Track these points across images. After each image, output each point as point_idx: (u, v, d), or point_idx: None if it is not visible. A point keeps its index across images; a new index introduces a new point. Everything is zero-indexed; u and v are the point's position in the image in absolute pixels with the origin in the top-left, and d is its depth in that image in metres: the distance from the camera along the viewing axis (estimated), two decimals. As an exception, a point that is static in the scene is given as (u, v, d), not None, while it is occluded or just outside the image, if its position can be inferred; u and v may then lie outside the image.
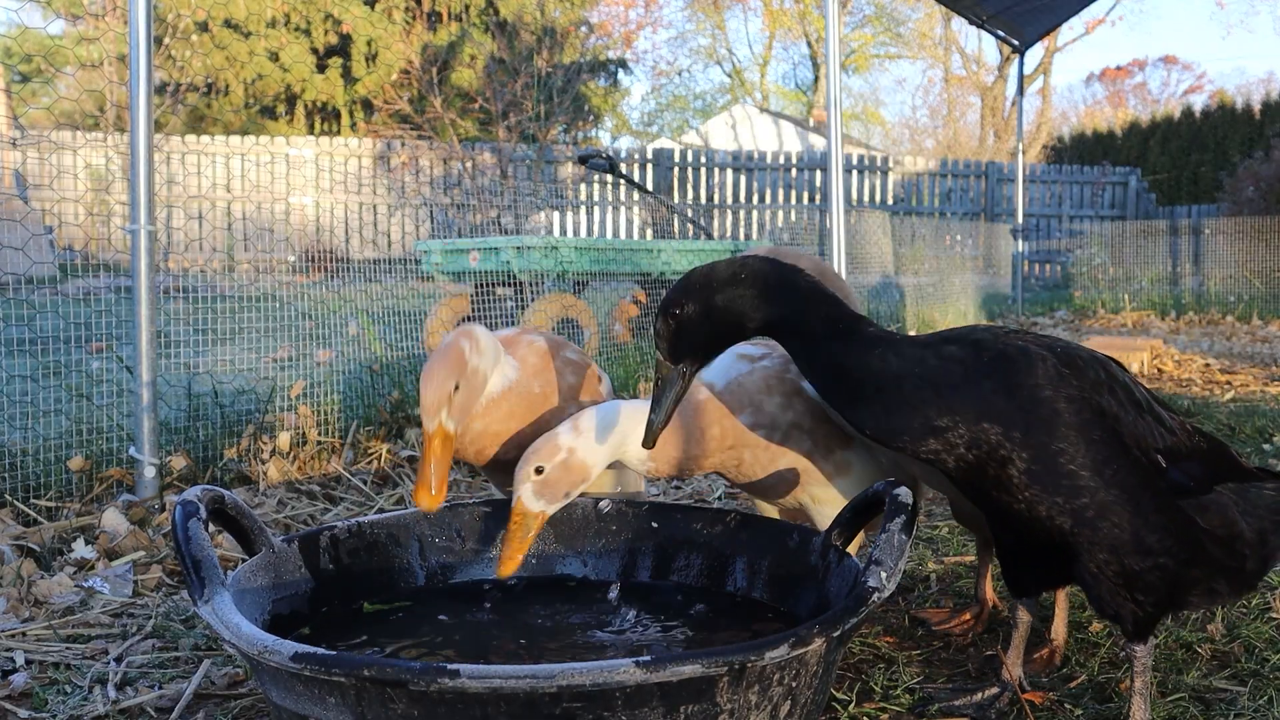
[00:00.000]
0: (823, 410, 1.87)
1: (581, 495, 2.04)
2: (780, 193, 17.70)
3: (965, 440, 1.46)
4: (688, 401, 1.82)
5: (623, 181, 10.45)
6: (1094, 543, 1.48)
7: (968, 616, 2.06)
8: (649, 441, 1.64)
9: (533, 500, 1.75)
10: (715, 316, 1.58)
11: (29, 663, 1.92)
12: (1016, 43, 11.76)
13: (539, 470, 1.74)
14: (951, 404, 1.45)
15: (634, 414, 1.76)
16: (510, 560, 1.75)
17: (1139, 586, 1.49)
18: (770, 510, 2.07)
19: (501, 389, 1.87)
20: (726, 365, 1.93)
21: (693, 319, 1.57)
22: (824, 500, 1.94)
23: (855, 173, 18.17)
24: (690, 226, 10.52)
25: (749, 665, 1.24)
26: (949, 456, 1.48)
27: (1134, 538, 1.47)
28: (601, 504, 2.00)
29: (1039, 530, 1.52)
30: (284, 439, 3.21)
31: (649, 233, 14.65)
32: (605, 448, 1.76)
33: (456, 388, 1.73)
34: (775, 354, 1.93)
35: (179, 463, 3.03)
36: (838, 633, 1.34)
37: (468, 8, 22.86)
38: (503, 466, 1.93)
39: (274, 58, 22.34)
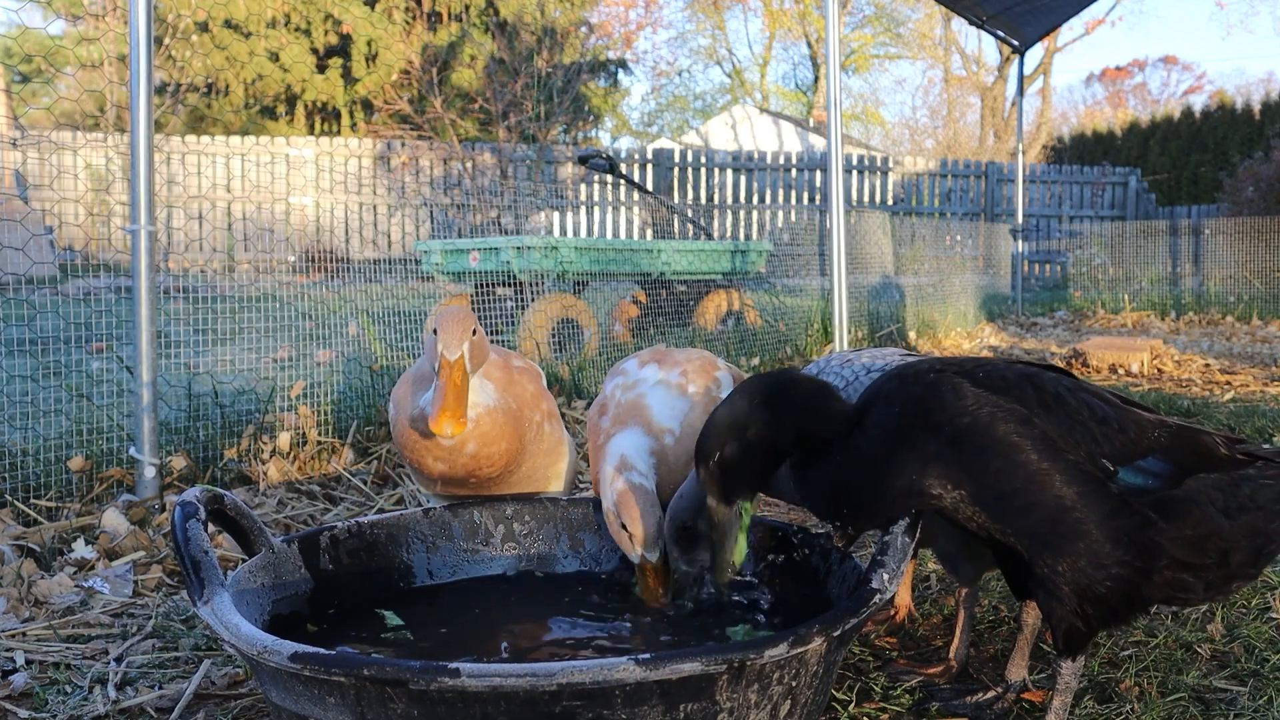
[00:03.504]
0: None
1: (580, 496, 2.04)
2: (780, 193, 17.71)
3: (923, 493, 1.48)
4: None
5: (623, 181, 10.45)
6: (1047, 557, 1.44)
7: (933, 671, 1.90)
8: (722, 578, 1.67)
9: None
10: (753, 451, 1.56)
11: (29, 663, 1.92)
12: (1016, 43, 11.75)
13: None
14: (896, 490, 1.47)
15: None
16: None
17: (1089, 598, 1.44)
18: None
19: (487, 407, 1.87)
20: (669, 404, 1.98)
21: (735, 459, 1.56)
22: None
23: (855, 173, 18.18)
24: (690, 227, 10.52)
25: (748, 664, 1.24)
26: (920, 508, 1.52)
27: (1085, 548, 1.42)
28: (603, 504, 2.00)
29: (1002, 546, 1.51)
30: (284, 439, 3.21)
31: (649, 233, 14.66)
32: None
33: (474, 333, 1.78)
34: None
35: (179, 463, 3.02)
36: (838, 633, 1.34)
37: (468, 8, 22.86)
38: (492, 483, 1.95)
39: (274, 58, 22.35)
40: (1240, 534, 1.45)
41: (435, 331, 1.78)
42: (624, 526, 1.79)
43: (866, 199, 18.28)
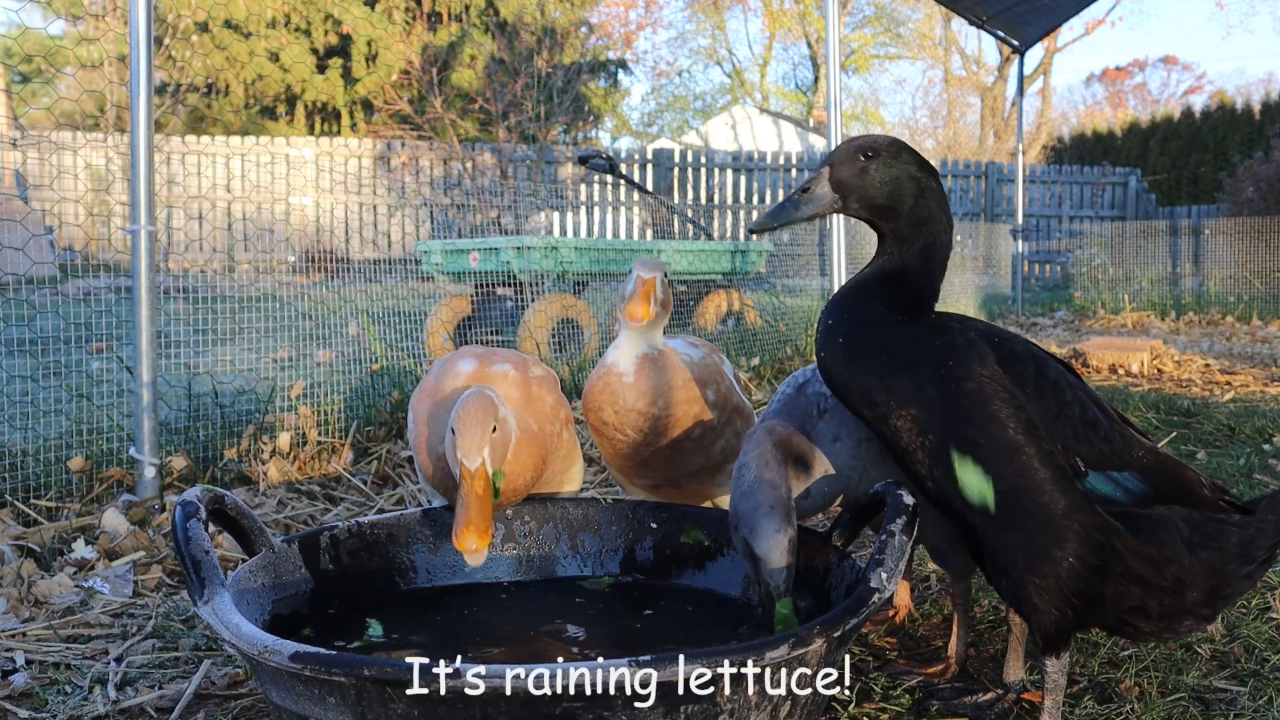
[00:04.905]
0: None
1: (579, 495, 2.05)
2: (780, 193, 17.70)
3: (891, 416, 1.51)
4: (661, 362, 1.99)
5: (623, 182, 10.45)
6: (1001, 533, 1.45)
7: (933, 670, 1.89)
8: (760, 224, 1.64)
9: None
10: (896, 188, 1.57)
11: (29, 663, 1.92)
12: (1016, 43, 11.75)
13: None
14: (890, 384, 1.50)
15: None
16: None
17: (1047, 586, 1.45)
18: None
19: (510, 440, 1.81)
20: (685, 347, 2.08)
21: (880, 172, 1.57)
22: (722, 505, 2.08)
23: (855, 173, 18.14)
24: (690, 227, 10.52)
25: (749, 665, 1.24)
26: (880, 425, 1.54)
27: (1040, 534, 1.43)
28: (601, 502, 2.00)
29: (960, 522, 1.52)
30: (284, 439, 3.21)
31: (649, 233, 14.65)
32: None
33: (494, 430, 1.70)
34: (701, 349, 2.11)
35: (179, 463, 3.02)
36: (838, 633, 1.34)
37: (468, 8, 22.86)
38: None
39: (274, 58, 22.34)
40: (1199, 569, 1.47)
41: (453, 430, 1.67)
42: None
43: (866, 199, 18.22)
